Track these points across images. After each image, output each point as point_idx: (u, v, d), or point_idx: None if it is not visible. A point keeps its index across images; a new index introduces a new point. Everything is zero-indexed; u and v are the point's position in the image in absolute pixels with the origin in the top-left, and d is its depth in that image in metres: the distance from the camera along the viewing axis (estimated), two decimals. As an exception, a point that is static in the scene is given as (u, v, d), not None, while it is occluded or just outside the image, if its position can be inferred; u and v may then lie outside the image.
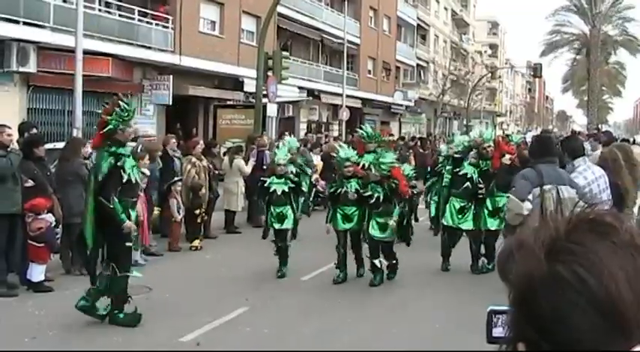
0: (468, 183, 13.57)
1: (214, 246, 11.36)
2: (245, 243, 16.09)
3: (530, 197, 7.82)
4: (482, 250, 13.88)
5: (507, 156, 13.59)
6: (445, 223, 13.86)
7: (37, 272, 11.66)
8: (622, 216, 1.38)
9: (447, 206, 13.82)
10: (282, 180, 13.32)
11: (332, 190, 13.13)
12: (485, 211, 13.63)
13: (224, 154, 19.27)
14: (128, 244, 10.07)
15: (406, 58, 62.62)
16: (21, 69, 21.52)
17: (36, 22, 21.76)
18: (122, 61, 25.74)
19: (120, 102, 10.01)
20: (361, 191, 12.61)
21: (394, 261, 12.72)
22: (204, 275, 12.47)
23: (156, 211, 15.48)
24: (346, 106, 43.05)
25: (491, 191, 13.51)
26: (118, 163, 9.69)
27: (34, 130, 14.16)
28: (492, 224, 13.52)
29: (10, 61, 21.30)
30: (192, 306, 10.72)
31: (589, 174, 8.78)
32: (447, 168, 14.13)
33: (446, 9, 78.54)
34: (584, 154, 9.42)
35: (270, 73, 27.05)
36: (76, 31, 18.89)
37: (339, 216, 12.90)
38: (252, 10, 34.37)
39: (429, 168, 16.83)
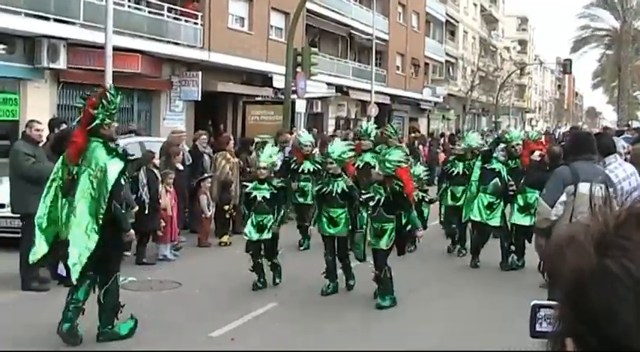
0: (496, 179, 13.43)
1: (244, 242, 11.34)
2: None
3: (563, 197, 7.71)
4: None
5: (537, 153, 13.49)
6: (473, 218, 13.70)
7: (63, 268, 11.70)
8: None
9: (475, 201, 13.63)
10: (265, 185, 11.84)
11: (317, 189, 11.94)
12: (516, 206, 13.43)
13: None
14: (127, 254, 9.99)
15: (435, 54, 62.40)
16: (51, 65, 21.65)
17: (66, 19, 21.90)
18: (151, 58, 25.83)
19: (106, 93, 9.17)
20: (349, 191, 11.45)
21: (383, 274, 10.70)
22: (234, 270, 12.45)
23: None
24: (375, 102, 42.96)
25: (522, 187, 13.28)
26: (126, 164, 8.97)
27: (64, 126, 14.21)
28: (523, 220, 13.24)
29: (40, 57, 21.43)
30: (221, 302, 10.74)
31: (620, 172, 8.68)
32: (477, 163, 13.97)
33: (475, 5, 78.14)
34: (615, 151, 9.31)
35: (299, 69, 27.05)
36: (105, 27, 19.00)
37: (324, 220, 11.62)
38: (280, 7, 34.39)
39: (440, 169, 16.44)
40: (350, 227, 11.50)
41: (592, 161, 8.09)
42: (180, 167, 14.85)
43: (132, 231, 9.26)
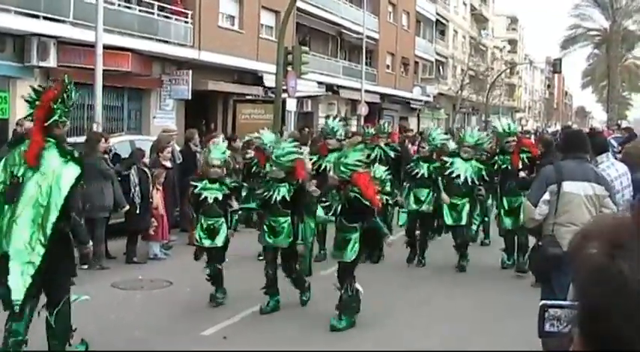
0: (458, 181, 13.09)
1: (234, 241, 11.21)
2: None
3: (547, 195, 7.69)
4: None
5: (526, 157, 13.19)
6: (448, 223, 13.43)
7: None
8: None
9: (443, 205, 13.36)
10: (216, 185, 10.73)
11: (258, 195, 10.47)
12: (502, 210, 13.29)
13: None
14: (84, 267, 9.87)
15: (425, 53, 62.47)
16: (41, 63, 21.58)
17: (56, 17, 21.83)
18: (141, 56, 25.78)
19: (67, 87, 8.04)
20: (289, 198, 10.15)
21: (344, 290, 9.57)
22: (225, 269, 12.41)
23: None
24: (365, 101, 42.99)
25: (511, 189, 13.08)
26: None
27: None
28: (507, 223, 13.15)
29: (30, 55, 21.38)
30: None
31: (612, 171, 8.68)
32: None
33: (465, 4, 78.26)
34: (607, 151, 9.31)
35: (289, 68, 27.03)
36: (96, 25, 18.96)
37: (265, 229, 10.37)
38: (271, 5, 34.37)
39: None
40: (292, 238, 10.22)
41: (582, 160, 8.01)
42: (168, 164, 14.76)
43: (90, 244, 8.13)
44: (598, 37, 71.38)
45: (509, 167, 13.16)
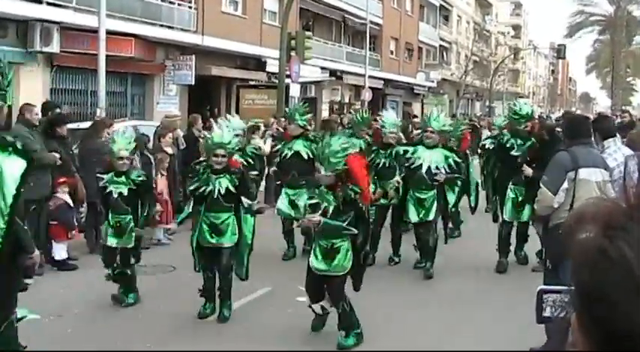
0: (420, 172, 11.57)
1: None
2: (268, 222, 16.07)
3: (565, 184, 7.71)
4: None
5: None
6: (413, 220, 11.95)
7: (58, 251, 11.78)
8: None
9: (407, 202, 11.93)
10: (123, 178, 9.69)
11: (193, 189, 9.22)
12: (510, 202, 12.02)
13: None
14: (29, 282, 8.87)
15: (429, 38, 62.29)
16: (44, 49, 21.54)
17: (59, 2, 21.77)
18: (145, 41, 25.73)
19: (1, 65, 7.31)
20: (230, 193, 9.09)
21: (342, 309, 8.27)
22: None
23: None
24: (369, 87, 42.93)
25: (521, 179, 11.74)
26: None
27: (58, 110, 14.16)
28: (524, 215, 12.05)
29: (33, 41, 21.33)
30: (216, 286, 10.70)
31: (619, 156, 8.68)
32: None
33: (469, -11, 78.04)
34: (615, 135, 9.30)
35: (292, 54, 26.97)
36: (99, 11, 18.90)
37: (204, 227, 9.20)
38: (274, -10, 34.30)
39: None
40: (237, 236, 9.25)
41: (589, 145, 8.07)
42: (169, 150, 14.74)
43: (37, 253, 6.92)
44: (602, 22, 71.13)
45: (524, 154, 11.80)
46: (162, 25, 26.54)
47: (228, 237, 9.26)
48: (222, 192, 9.03)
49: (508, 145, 11.79)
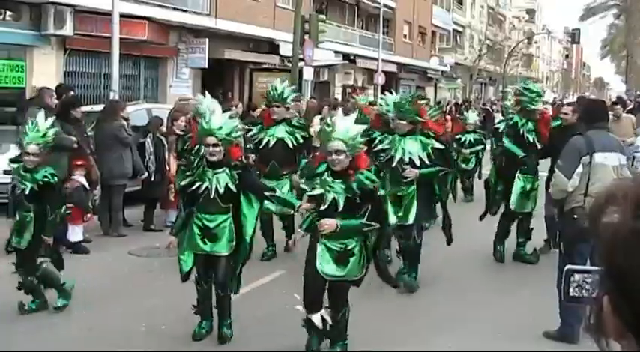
0: (396, 165, 9.71)
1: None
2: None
3: (580, 168, 7.69)
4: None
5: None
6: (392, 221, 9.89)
7: (71, 233, 11.82)
8: None
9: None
10: (28, 175, 8.41)
11: (184, 185, 7.84)
12: (519, 192, 11.19)
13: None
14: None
15: (442, 22, 62.05)
16: (58, 32, 21.55)
17: (72, -15, 21.77)
18: (158, 24, 25.70)
19: None
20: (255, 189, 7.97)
21: (340, 316, 7.29)
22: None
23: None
24: (382, 71, 42.84)
25: (530, 168, 11.24)
26: None
27: (72, 93, 14.18)
28: (527, 206, 11.35)
29: (47, 24, 21.34)
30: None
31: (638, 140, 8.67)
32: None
33: (483, -27, 77.70)
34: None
35: (306, 37, 26.93)
36: (112, -7, 18.89)
37: (195, 231, 7.80)
38: (288, -26, 34.18)
39: None
40: (234, 243, 7.81)
41: (606, 129, 8.07)
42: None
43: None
44: (617, 7, 70.73)
45: (534, 140, 11.12)
46: (175, 8, 26.51)
47: (224, 245, 7.79)
48: (221, 191, 7.60)
49: (519, 127, 11.07)
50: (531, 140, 11.06)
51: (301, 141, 11.40)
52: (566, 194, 7.80)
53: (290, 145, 11.28)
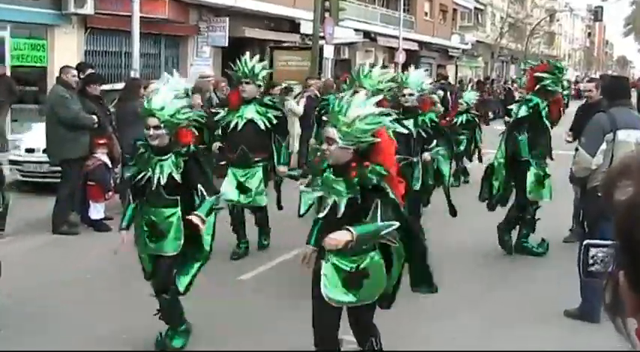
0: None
1: (270, 189, 10.90)
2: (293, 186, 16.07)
3: (604, 145, 7.65)
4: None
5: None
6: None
7: (93, 211, 11.91)
8: None
9: None
10: None
11: (130, 175, 7.08)
12: (532, 180, 10.41)
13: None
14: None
15: (464, 0, 61.65)
16: (79, 11, 21.53)
17: (93, -37, 21.76)
18: (178, 3, 25.68)
19: None
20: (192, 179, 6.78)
21: (371, 347, 5.83)
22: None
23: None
24: (403, 49, 42.64)
25: (542, 152, 10.57)
26: None
27: (90, 70, 14.21)
28: (544, 194, 10.65)
29: (68, 3, 21.32)
30: (251, 247, 10.71)
31: None
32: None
33: (505, -50, 77.01)
34: None
35: (326, 15, 26.83)
36: (132, -28, 18.87)
37: (143, 228, 6.98)
38: (308, -49, 34.00)
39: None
40: (182, 241, 6.86)
41: (628, 106, 8.02)
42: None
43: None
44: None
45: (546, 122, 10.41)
46: (195, -14, 26.47)
47: (169, 243, 6.87)
48: (163, 181, 6.71)
49: (540, 109, 10.20)
50: (548, 125, 10.40)
51: (275, 121, 10.06)
52: (589, 172, 7.77)
53: (262, 127, 9.97)
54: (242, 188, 10.11)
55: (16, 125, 19.53)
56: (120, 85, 15.41)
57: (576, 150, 8.30)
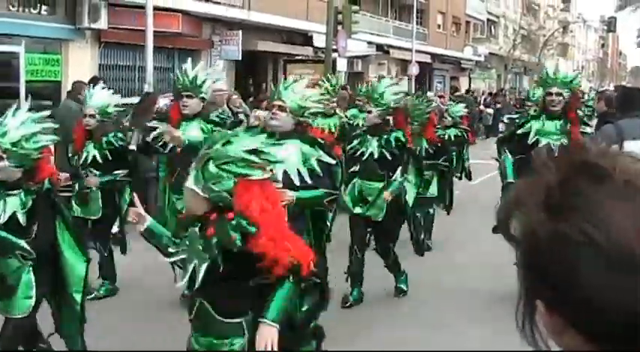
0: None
1: None
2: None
3: None
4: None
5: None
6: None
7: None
8: (615, 153, 1.26)
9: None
10: None
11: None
12: None
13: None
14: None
15: (476, 12, 61.60)
16: (93, 26, 21.65)
17: (106, -22, 21.88)
18: (191, 17, 25.80)
19: None
20: None
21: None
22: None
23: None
24: (415, 61, 42.65)
25: None
26: None
27: (101, 83, 14.25)
28: None
29: (82, 18, 21.44)
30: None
31: None
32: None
33: (517, -38, 77.06)
34: None
35: (339, 28, 26.89)
36: (146, -14, 18.95)
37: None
38: (320, -35, 34.11)
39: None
40: (33, 301, 5.70)
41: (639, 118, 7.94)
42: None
43: None
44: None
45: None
46: (208, 1, 26.57)
47: (15, 303, 5.65)
48: (2, 219, 5.56)
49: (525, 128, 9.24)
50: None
51: None
52: None
53: None
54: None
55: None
56: (134, 99, 15.45)
57: None
